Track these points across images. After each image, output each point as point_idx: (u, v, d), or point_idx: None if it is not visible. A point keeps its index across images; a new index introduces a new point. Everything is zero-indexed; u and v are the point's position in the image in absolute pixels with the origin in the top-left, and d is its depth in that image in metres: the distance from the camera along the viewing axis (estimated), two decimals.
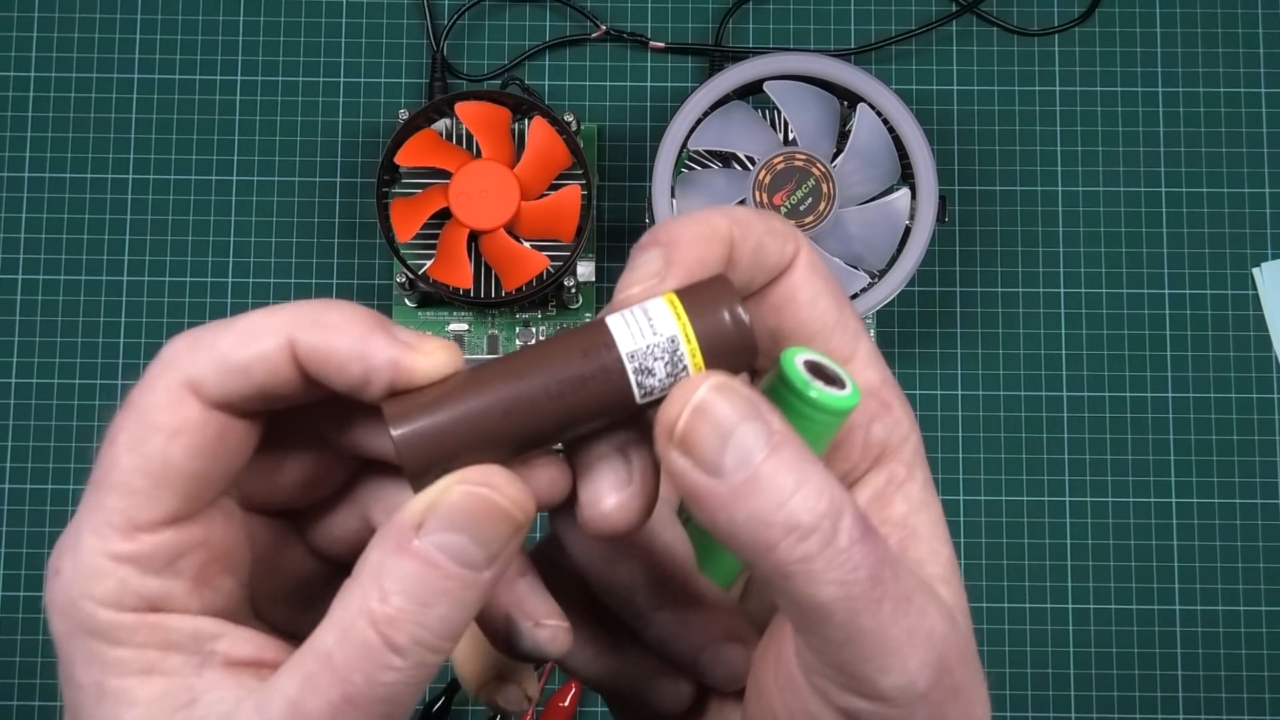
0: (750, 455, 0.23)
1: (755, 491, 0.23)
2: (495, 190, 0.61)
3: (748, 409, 0.23)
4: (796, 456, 0.23)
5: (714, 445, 0.23)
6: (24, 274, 0.67)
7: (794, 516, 0.23)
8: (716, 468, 0.23)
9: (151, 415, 0.25)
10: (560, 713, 0.63)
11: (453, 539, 0.24)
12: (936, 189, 0.60)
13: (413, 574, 0.24)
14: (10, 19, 0.69)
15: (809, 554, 0.23)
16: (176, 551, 0.25)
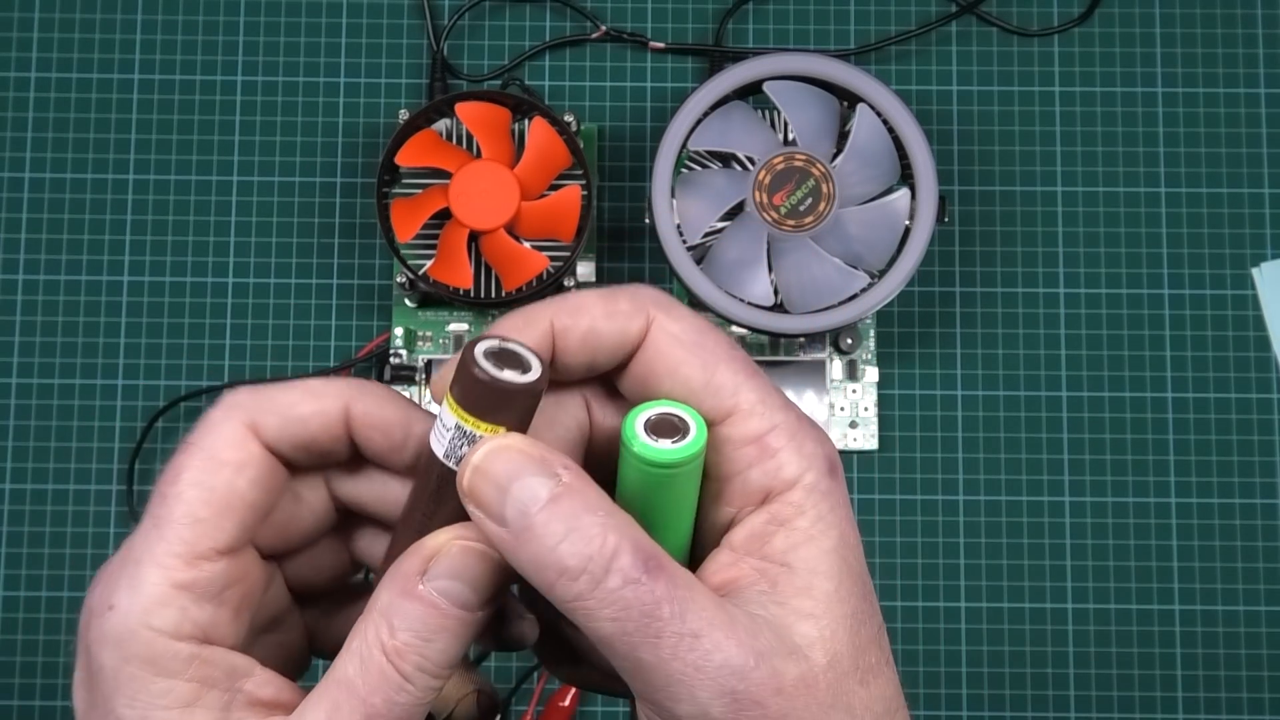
0: (527, 507, 0.27)
1: (531, 539, 0.27)
2: (495, 190, 0.61)
3: (525, 465, 0.27)
4: (574, 507, 0.27)
5: (495, 499, 0.27)
6: (24, 274, 0.67)
7: (561, 561, 0.26)
8: (500, 518, 0.27)
9: (218, 451, 0.29)
10: (560, 713, 0.63)
11: (451, 585, 0.28)
12: (936, 189, 0.60)
13: (417, 614, 0.28)
14: (10, 19, 0.69)
15: (580, 593, 0.26)
16: (227, 581, 0.29)
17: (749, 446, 0.29)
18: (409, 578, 0.28)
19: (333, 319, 0.67)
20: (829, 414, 0.66)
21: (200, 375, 0.67)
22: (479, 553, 0.28)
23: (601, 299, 0.30)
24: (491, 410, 0.28)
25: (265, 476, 0.30)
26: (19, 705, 0.65)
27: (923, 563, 0.66)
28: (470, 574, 0.28)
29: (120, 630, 0.28)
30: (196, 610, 0.28)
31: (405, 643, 0.28)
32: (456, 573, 0.28)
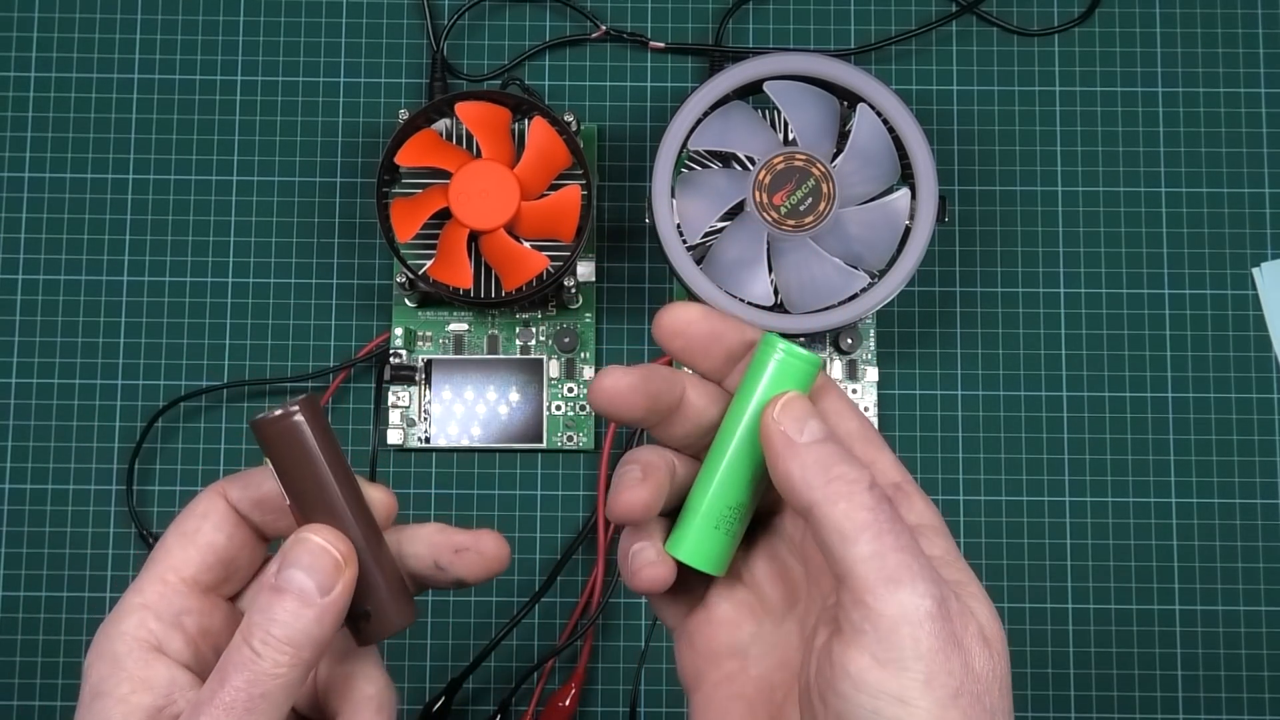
0: (820, 432, 0.36)
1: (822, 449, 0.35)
2: (495, 190, 0.61)
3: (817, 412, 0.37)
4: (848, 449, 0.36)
5: (802, 417, 0.36)
6: (24, 274, 0.67)
7: (845, 468, 0.35)
8: (799, 430, 0.36)
9: (194, 507, 0.38)
10: (560, 712, 0.64)
11: (293, 573, 0.35)
12: (936, 189, 0.60)
13: (265, 599, 0.35)
14: (10, 19, 0.69)
15: (852, 489, 0.34)
16: (184, 609, 0.37)
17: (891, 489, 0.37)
18: (266, 573, 0.36)
19: (333, 319, 0.67)
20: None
21: (200, 375, 0.67)
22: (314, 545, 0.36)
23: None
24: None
25: (226, 524, 0.38)
26: (19, 705, 0.65)
27: None
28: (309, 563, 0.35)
29: (100, 635, 0.36)
30: (154, 624, 0.36)
31: (254, 621, 0.35)
32: (298, 562, 0.35)
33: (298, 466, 0.36)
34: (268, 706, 0.34)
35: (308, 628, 0.35)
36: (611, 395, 0.37)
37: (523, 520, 0.66)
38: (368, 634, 0.38)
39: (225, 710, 0.34)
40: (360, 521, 0.37)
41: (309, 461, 0.36)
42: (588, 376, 0.66)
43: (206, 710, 0.34)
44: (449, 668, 0.65)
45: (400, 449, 0.66)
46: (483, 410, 0.66)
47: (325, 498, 0.36)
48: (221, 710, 0.34)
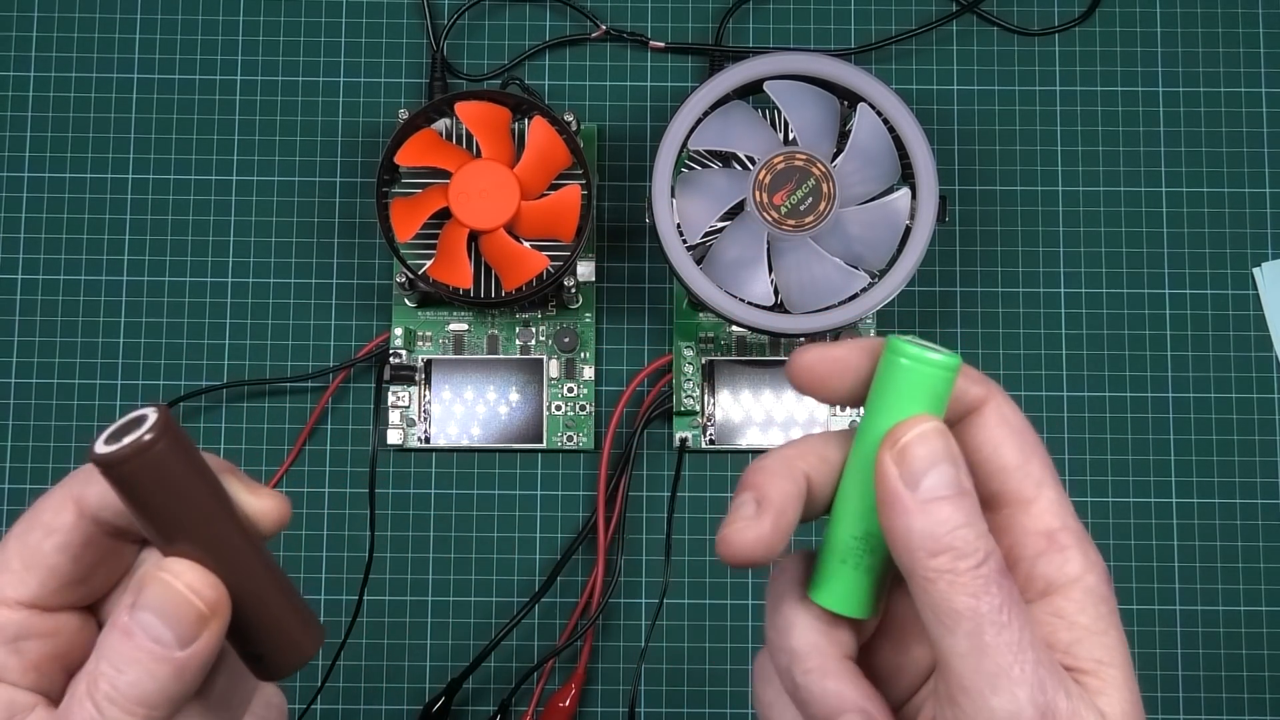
0: (942, 486, 0.30)
1: (937, 512, 0.30)
2: (495, 190, 0.61)
3: (955, 456, 0.31)
4: (974, 506, 0.30)
5: (921, 466, 0.30)
6: (24, 274, 0.67)
7: (955, 540, 0.30)
8: (915, 483, 0.30)
9: (41, 514, 0.31)
10: (560, 713, 0.64)
11: (148, 618, 0.29)
12: (936, 189, 0.60)
13: (115, 644, 0.29)
14: (10, 19, 0.69)
15: (956, 569, 0.30)
16: (23, 632, 0.31)
17: (1040, 537, 0.32)
18: (120, 608, 0.30)
19: (332, 319, 0.67)
20: (829, 414, 0.66)
21: (200, 375, 0.67)
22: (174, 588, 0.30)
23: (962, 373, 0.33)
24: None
25: (74, 542, 0.31)
26: None
27: None
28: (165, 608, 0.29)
29: None
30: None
31: (100, 671, 0.29)
32: (154, 605, 0.29)
33: (160, 499, 0.29)
34: None
35: (164, 686, 0.29)
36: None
37: (523, 520, 0.66)
38: (265, 673, 0.32)
39: None
40: (238, 551, 0.31)
41: (174, 491, 0.29)
42: (588, 376, 0.66)
43: None
44: (449, 668, 0.65)
45: (400, 449, 0.66)
46: (483, 410, 0.66)
47: (194, 529, 0.30)
48: None
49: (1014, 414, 0.33)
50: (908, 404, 0.32)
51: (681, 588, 0.66)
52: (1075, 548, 0.32)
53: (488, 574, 0.66)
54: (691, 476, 0.66)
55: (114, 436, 0.29)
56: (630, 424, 0.66)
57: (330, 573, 0.66)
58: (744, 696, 0.65)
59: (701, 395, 0.66)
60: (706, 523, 0.66)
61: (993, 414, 0.33)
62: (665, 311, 0.67)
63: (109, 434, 0.29)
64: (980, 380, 0.33)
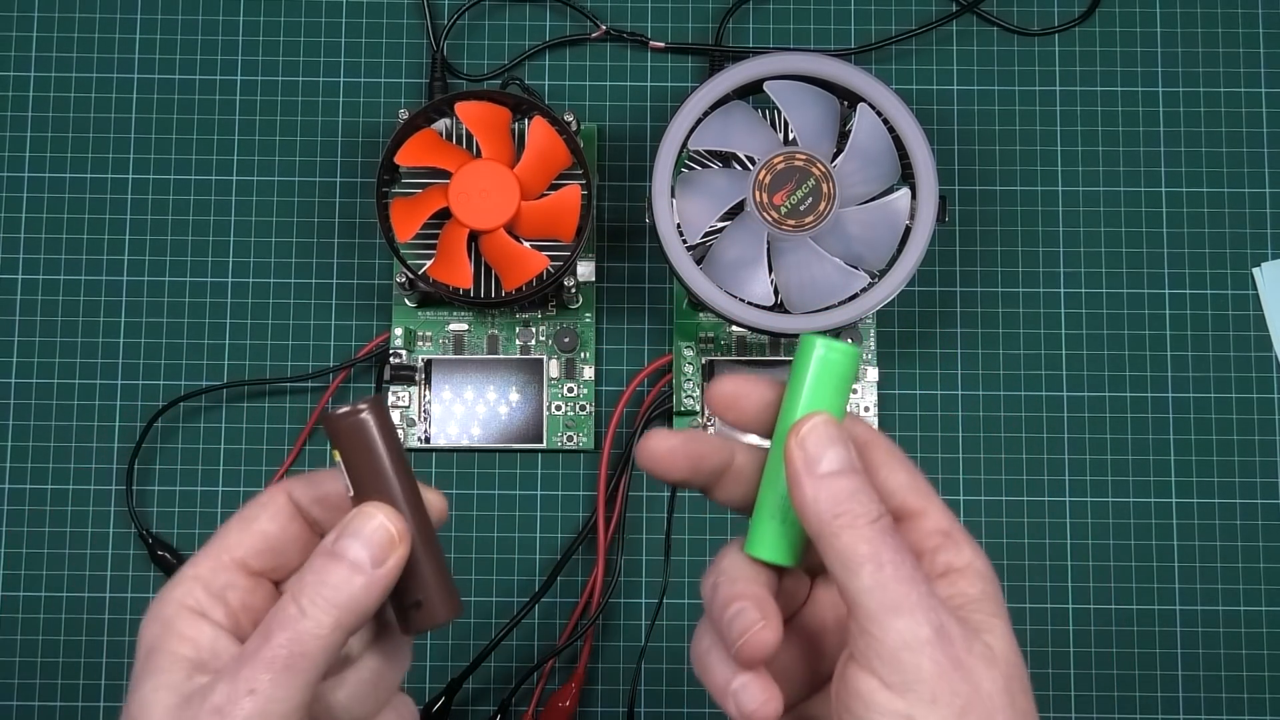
0: (835, 464, 0.37)
1: (833, 484, 0.37)
2: (495, 190, 0.61)
3: (844, 440, 0.37)
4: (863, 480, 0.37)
5: (817, 451, 0.37)
6: (24, 274, 0.67)
7: (852, 503, 0.36)
8: (814, 465, 0.37)
9: (258, 496, 0.40)
10: (560, 713, 0.64)
11: (350, 543, 0.37)
12: (936, 189, 0.60)
13: (320, 563, 0.37)
14: (10, 19, 0.69)
15: (855, 523, 0.36)
16: (230, 584, 0.39)
17: (937, 534, 0.38)
18: (325, 541, 0.38)
19: (333, 319, 0.67)
20: None
21: (200, 375, 0.67)
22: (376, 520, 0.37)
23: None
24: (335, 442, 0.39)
25: (281, 516, 0.40)
26: (18, 705, 0.65)
27: None
28: (365, 536, 0.37)
29: (155, 603, 0.38)
30: (201, 593, 0.38)
31: (307, 582, 0.37)
32: (356, 533, 0.37)
33: (362, 459, 0.38)
34: (307, 665, 0.36)
35: (355, 594, 0.37)
36: (656, 457, 0.39)
37: (523, 520, 0.66)
38: (417, 622, 0.39)
39: (265, 665, 0.35)
40: (416, 514, 0.39)
41: (372, 456, 0.38)
42: (588, 376, 0.66)
43: (249, 663, 0.36)
44: (449, 668, 0.65)
45: None
46: (483, 410, 0.66)
47: (385, 488, 0.38)
48: (262, 665, 0.36)
49: (894, 446, 0.40)
50: (815, 387, 0.38)
51: (681, 588, 0.66)
52: (966, 543, 0.39)
53: (488, 574, 0.66)
54: None
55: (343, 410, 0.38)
56: (630, 424, 0.66)
57: None
58: None
59: (701, 395, 0.66)
60: (706, 523, 0.66)
61: (879, 447, 0.39)
62: (665, 311, 0.67)
63: (339, 410, 0.38)
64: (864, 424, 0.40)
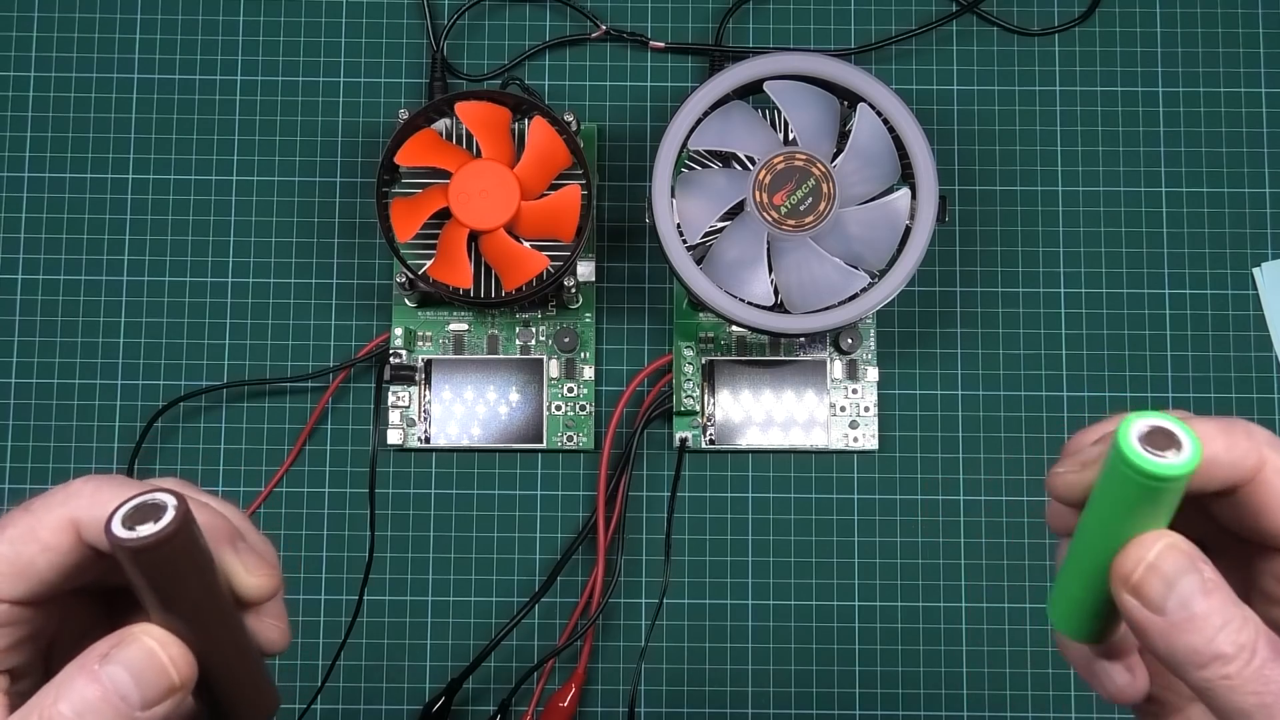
0: (1188, 603, 0.31)
1: (1191, 629, 0.31)
2: (495, 190, 0.61)
3: (1188, 566, 0.31)
4: (1224, 600, 0.31)
5: (1160, 593, 0.31)
6: (24, 274, 0.67)
7: (1220, 648, 0.31)
8: (1161, 609, 0.31)
9: (38, 530, 0.33)
10: (560, 713, 0.64)
11: (120, 673, 0.31)
12: (936, 189, 0.60)
13: (81, 690, 0.31)
14: (10, 19, 0.69)
15: (1229, 674, 0.31)
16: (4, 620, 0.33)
17: None
18: (90, 654, 0.32)
19: (333, 319, 0.67)
20: (829, 414, 0.66)
21: (200, 375, 0.67)
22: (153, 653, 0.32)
23: (1222, 432, 0.33)
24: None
25: (69, 565, 0.33)
26: None
27: (923, 563, 0.66)
28: (140, 670, 0.31)
29: None
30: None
31: (60, 713, 0.31)
32: (130, 664, 0.31)
33: (164, 581, 0.32)
34: None
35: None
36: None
37: (523, 520, 0.66)
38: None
39: None
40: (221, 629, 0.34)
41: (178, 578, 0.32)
42: (588, 376, 0.66)
43: None
44: (449, 668, 0.65)
45: (400, 449, 0.66)
46: (483, 410, 0.66)
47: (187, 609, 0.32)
48: None
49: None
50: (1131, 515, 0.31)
51: (681, 588, 0.66)
52: None
53: (488, 574, 0.66)
54: (691, 476, 0.66)
55: (131, 517, 0.31)
56: (630, 424, 0.66)
57: (330, 573, 0.66)
58: (744, 696, 0.65)
59: (701, 395, 0.66)
60: (706, 523, 0.66)
61: (1273, 478, 0.33)
62: (665, 311, 0.67)
63: (126, 513, 0.31)
64: (1248, 439, 0.33)
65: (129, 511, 0.31)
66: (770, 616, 0.65)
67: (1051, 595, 0.35)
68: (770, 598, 0.65)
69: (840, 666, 0.65)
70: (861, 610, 0.65)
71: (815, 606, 0.65)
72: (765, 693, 0.65)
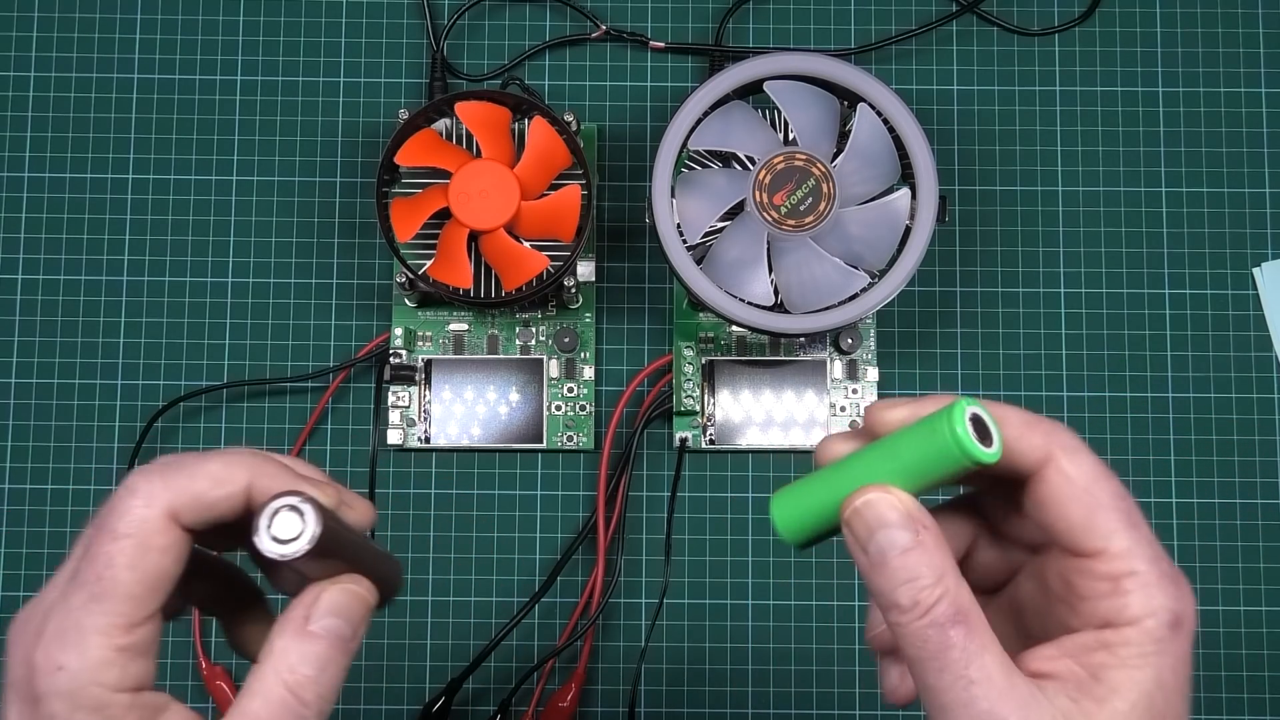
0: (884, 549, 0.35)
1: (883, 573, 0.35)
2: (495, 190, 0.61)
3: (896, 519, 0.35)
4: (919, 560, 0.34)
5: (863, 534, 0.35)
6: (24, 274, 0.67)
7: (897, 598, 0.34)
8: (864, 549, 0.35)
9: (148, 539, 0.35)
10: (560, 713, 0.64)
11: (333, 621, 0.36)
12: (936, 189, 0.60)
13: (311, 650, 0.35)
14: (10, 19, 0.69)
15: (900, 623, 0.34)
16: (154, 639, 0.35)
17: (1104, 582, 0.35)
18: (298, 621, 0.36)
19: (332, 319, 0.67)
20: (829, 414, 0.66)
21: (200, 375, 0.67)
22: (351, 591, 0.36)
23: (1022, 424, 0.35)
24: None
25: (184, 554, 0.36)
26: None
27: None
28: (348, 611, 0.36)
29: (71, 686, 0.34)
30: (134, 666, 0.34)
31: (306, 675, 0.35)
32: (335, 610, 0.36)
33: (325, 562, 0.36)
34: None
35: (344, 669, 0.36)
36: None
37: (523, 520, 0.66)
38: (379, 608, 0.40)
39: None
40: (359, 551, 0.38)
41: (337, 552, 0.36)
42: (588, 376, 0.66)
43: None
44: (449, 668, 0.65)
45: (400, 449, 0.66)
46: (483, 410, 0.66)
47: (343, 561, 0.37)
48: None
49: (1079, 468, 0.35)
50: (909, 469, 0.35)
51: (681, 588, 0.66)
52: (1138, 593, 0.34)
53: (488, 574, 0.66)
54: (691, 476, 0.66)
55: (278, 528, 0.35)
56: (630, 424, 0.66)
57: None
58: (744, 696, 0.65)
59: (701, 395, 0.66)
60: (706, 523, 0.66)
61: (1054, 474, 0.35)
62: (665, 311, 0.67)
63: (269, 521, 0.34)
64: (1044, 435, 0.35)
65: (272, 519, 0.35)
66: (770, 616, 0.65)
67: (788, 491, 0.38)
68: (770, 598, 0.65)
69: (840, 666, 0.65)
70: (861, 610, 0.65)
71: (815, 606, 0.65)
72: (765, 693, 0.65)
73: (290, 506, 0.35)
